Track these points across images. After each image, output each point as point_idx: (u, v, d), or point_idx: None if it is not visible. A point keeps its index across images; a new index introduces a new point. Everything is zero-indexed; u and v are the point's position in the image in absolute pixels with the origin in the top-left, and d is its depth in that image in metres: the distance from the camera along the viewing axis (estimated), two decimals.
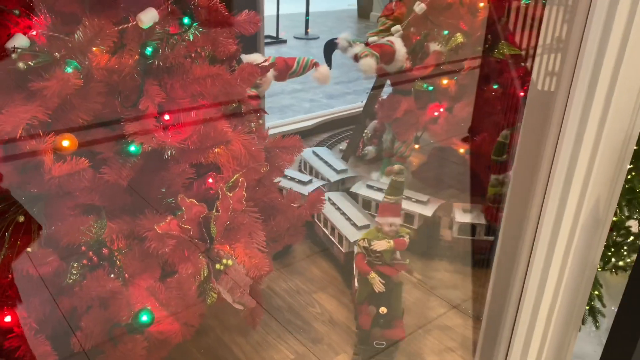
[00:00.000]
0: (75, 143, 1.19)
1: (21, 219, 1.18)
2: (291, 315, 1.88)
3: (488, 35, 2.26)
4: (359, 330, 1.76)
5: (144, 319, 1.23)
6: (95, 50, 1.23)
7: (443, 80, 2.46)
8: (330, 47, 2.34)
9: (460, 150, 2.58)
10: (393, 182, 1.74)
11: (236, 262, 1.34)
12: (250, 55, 1.78)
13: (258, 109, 1.64)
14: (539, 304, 1.40)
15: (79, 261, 1.25)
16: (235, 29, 1.53)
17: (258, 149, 1.46)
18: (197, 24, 1.41)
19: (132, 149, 1.27)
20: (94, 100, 1.24)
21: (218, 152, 1.37)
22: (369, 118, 2.90)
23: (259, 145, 1.49)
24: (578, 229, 1.30)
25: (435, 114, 2.49)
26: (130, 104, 1.29)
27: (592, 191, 1.26)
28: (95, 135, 1.27)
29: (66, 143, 1.18)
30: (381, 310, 1.70)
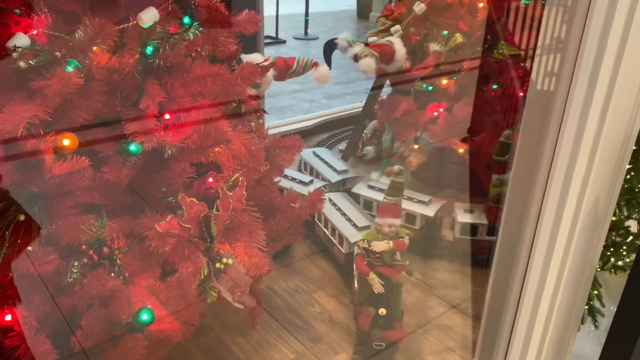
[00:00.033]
0: (76, 142, 1.19)
1: (22, 217, 1.18)
2: (291, 315, 1.88)
3: (487, 35, 2.26)
4: (358, 331, 1.75)
5: (145, 317, 1.23)
6: (96, 49, 1.23)
7: (442, 81, 2.46)
8: (329, 47, 2.33)
9: (460, 150, 2.58)
10: (393, 183, 1.73)
11: (236, 261, 1.34)
12: (250, 55, 1.78)
13: (258, 109, 1.64)
14: (538, 303, 1.40)
15: (80, 260, 1.25)
16: (236, 28, 1.53)
17: (258, 148, 1.46)
18: (198, 24, 1.41)
19: (133, 148, 1.27)
20: (95, 100, 1.24)
21: (218, 151, 1.38)
22: (369, 118, 2.90)
23: (259, 144, 1.50)
24: (577, 228, 1.30)
25: (435, 114, 2.49)
26: (130, 103, 1.29)
27: (591, 191, 1.26)
28: (95, 135, 1.28)
29: (67, 142, 1.18)
30: (380, 311, 1.68)
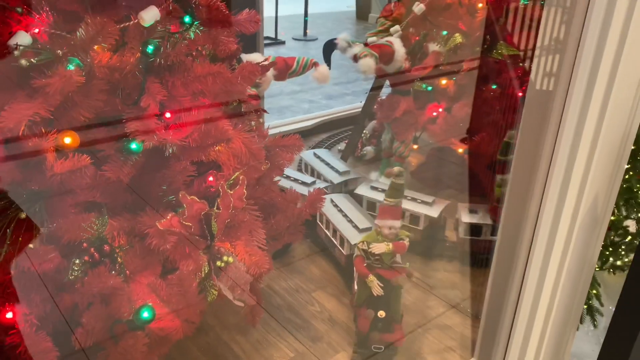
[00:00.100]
0: (77, 140, 1.20)
1: (23, 215, 1.18)
2: (291, 314, 1.88)
3: (487, 35, 2.27)
4: (357, 333, 1.74)
5: (145, 315, 1.23)
6: (97, 48, 1.23)
7: (442, 81, 2.47)
8: (329, 48, 2.33)
9: (459, 150, 2.58)
10: (393, 184, 1.71)
11: (237, 260, 1.35)
12: (251, 54, 1.78)
13: (258, 108, 1.65)
14: (537, 302, 1.41)
15: (81, 258, 1.25)
16: (236, 27, 1.54)
17: (258, 147, 1.46)
18: (198, 23, 1.42)
19: (134, 146, 1.27)
20: (96, 98, 1.24)
21: (219, 150, 1.38)
22: (368, 118, 2.90)
23: (259, 143, 1.50)
24: (576, 228, 1.31)
25: (434, 114, 2.49)
26: (131, 101, 1.29)
27: (590, 190, 1.27)
28: (96, 133, 1.28)
29: (68, 140, 1.18)
30: (379, 313, 1.67)
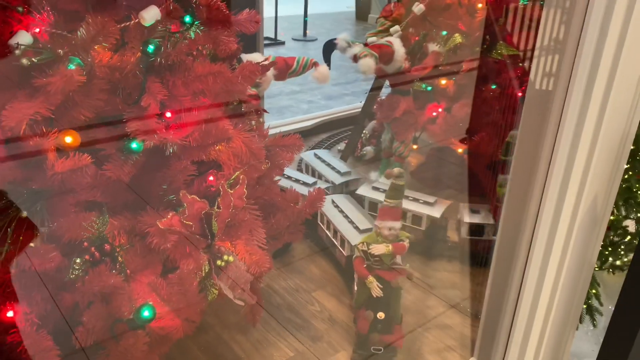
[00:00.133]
0: (78, 139, 1.20)
1: (24, 214, 1.19)
2: (291, 314, 1.89)
3: (486, 35, 2.27)
4: (357, 334, 1.74)
5: (146, 314, 1.23)
6: (98, 47, 1.24)
7: (442, 81, 2.47)
8: (329, 48, 2.33)
9: (459, 150, 2.59)
10: (393, 185, 1.70)
11: (237, 259, 1.35)
12: (251, 54, 1.78)
13: (258, 108, 1.65)
14: (536, 302, 1.41)
15: (81, 257, 1.26)
16: (236, 27, 1.54)
17: (259, 146, 1.46)
18: (199, 23, 1.42)
19: (134, 145, 1.27)
20: (97, 97, 1.24)
21: (219, 149, 1.38)
22: (368, 118, 2.90)
23: (259, 143, 1.50)
24: (575, 227, 1.31)
25: (434, 114, 2.50)
26: (132, 101, 1.30)
27: (590, 190, 1.27)
28: (97, 132, 1.28)
29: (69, 139, 1.18)
30: (379, 315, 1.67)
